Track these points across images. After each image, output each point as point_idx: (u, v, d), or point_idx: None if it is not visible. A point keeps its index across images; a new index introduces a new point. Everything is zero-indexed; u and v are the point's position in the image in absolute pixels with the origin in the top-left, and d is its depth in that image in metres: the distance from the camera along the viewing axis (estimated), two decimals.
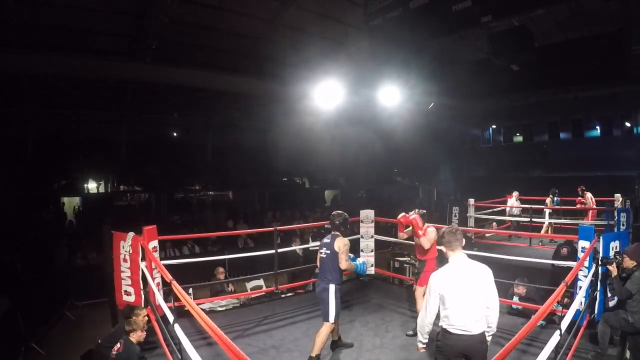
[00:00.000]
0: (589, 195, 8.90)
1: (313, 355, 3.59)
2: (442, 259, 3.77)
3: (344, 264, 3.73)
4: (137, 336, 3.61)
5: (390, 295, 5.76)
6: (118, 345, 3.50)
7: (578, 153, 14.69)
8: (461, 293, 2.57)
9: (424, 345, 2.85)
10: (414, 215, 4.49)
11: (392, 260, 7.90)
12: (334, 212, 4.02)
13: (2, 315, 4.95)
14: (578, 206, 9.06)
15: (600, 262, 3.86)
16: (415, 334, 3.81)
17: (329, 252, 3.77)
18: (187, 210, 13.28)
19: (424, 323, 2.76)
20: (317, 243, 8.32)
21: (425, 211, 4.72)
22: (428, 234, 4.38)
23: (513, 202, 9.67)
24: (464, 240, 2.77)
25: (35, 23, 8.28)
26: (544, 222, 9.03)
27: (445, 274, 2.68)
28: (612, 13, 7.90)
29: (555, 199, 9.15)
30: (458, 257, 2.70)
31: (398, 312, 5.13)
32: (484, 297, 2.57)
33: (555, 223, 9.04)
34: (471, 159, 18.02)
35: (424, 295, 3.80)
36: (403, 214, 4.60)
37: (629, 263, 3.63)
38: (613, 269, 3.64)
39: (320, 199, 16.67)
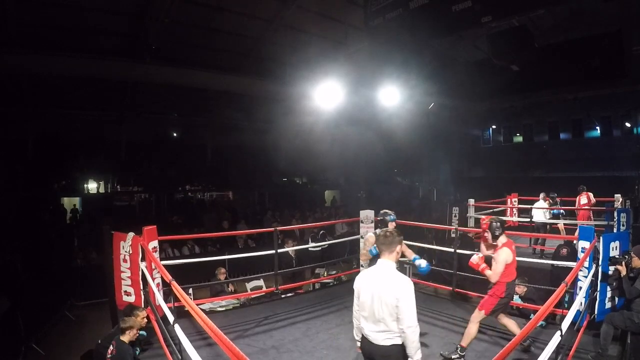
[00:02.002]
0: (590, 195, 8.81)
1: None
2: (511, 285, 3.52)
3: None
4: (131, 335, 3.61)
5: None
6: (111, 347, 3.50)
7: (578, 153, 14.68)
8: (368, 299, 2.48)
9: (358, 345, 2.77)
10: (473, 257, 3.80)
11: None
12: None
13: (2, 315, 4.95)
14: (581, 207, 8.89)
15: (608, 262, 3.86)
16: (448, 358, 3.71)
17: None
18: (187, 210, 13.28)
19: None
20: (318, 244, 8.34)
21: (497, 222, 3.63)
22: (497, 260, 3.56)
23: (542, 204, 8.91)
24: (397, 247, 2.55)
25: (35, 23, 8.28)
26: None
27: (364, 275, 2.61)
28: (612, 13, 7.90)
29: (554, 211, 8.89)
30: (381, 263, 2.54)
31: None
32: (390, 313, 2.37)
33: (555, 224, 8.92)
34: (471, 159, 18.02)
35: (478, 321, 3.62)
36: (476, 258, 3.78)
37: (637, 263, 3.63)
38: (622, 268, 3.64)
39: (320, 199, 16.67)
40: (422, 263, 4.12)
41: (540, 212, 8.81)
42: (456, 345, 3.75)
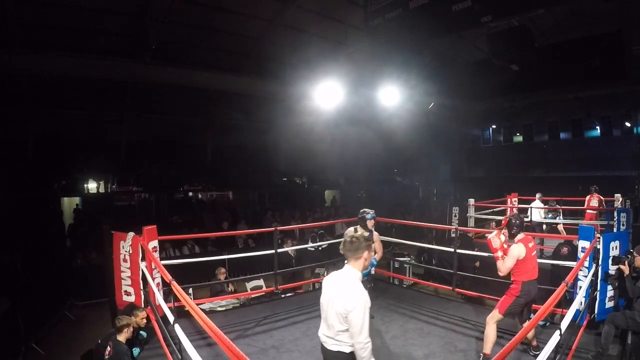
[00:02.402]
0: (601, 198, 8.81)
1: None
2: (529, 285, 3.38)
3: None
4: (127, 333, 3.61)
5: (390, 295, 5.76)
6: (108, 348, 3.50)
7: (578, 153, 14.68)
8: (324, 302, 2.44)
9: None
10: (494, 236, 3.61)
11: (392, 260, 7.91)
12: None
13: (2, 315, 4.95)
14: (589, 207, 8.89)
15: (612, 262, 3.86)
16: None
17: None
18: (187, 210, 13.26)
19: None
20: (318, 244, 8.33)
21: (517, 220, 3.56)
22: (509, 254, 3.48)
23: (538, 204, 9.10)
24: (364, 253, 2.43)
25: (35, 23, 8.28)
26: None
27: (330, 277, 2.53)
28: (612, 13, 7.90)
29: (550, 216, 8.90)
30: (346, 270, 2.45)
31: (398, 312, 5.13)
32: (339, 321, 2.31)
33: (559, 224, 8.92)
34: (471, 159, 18.02)
35: (494, 322, 3.49)
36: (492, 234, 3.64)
37: None
38: (625, 268, 3.63)
39: (320, 199, 16.66)
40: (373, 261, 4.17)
41: (536, 211, 8.85)
42: (479, 354, 3.62)
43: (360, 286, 2.35)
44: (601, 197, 8.72)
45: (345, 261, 2.47)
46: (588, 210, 8.76)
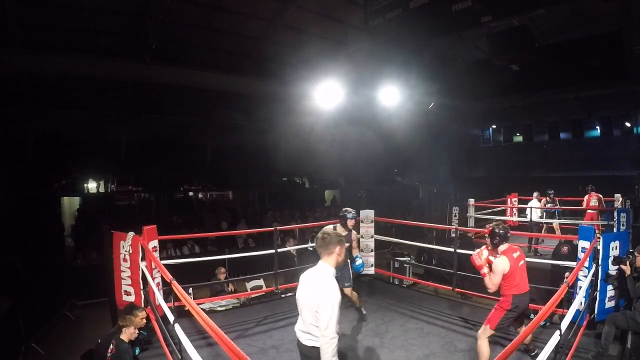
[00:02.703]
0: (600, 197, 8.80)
1: None
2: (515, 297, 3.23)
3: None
4: (129, 333, 3.61)
5: (390, 295, 5.76)
6: (111, 346, 3.50)
7: (578, 153, 14.69)
8: (299, 298, 2.47)
9: None
10: (476, 253, 3.46)
11: (392, 260, 7.91)
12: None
13: (2, 315, 4.94)
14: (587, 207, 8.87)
15: (613, 262, 3.85)
16: None
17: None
18: (187, 210, 13.26)
19: None
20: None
21: (500, 229, 3.36)
22: (493, 270, 3.31)
23: (535, 203, 9.06)
24: (335, 248, 2.45)
25: (35, 23, 8.28)
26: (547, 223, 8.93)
27: (305, 273, 2.54)
28: (612, 13, 7.90)
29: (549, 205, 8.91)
30: (319, 265, 2.49)
31: (398, 312, 5.13)
32: (311, 316, 2.35)
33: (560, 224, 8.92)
34: (471, 159, 18.02)
35: (486, 337, 3.33)
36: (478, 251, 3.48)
37: None
38: (627, 268, 3.63)
39: (320, 199, 16.66)
40: (358, 261, 4.27)
41: (534, 211, 8.87)
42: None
43: (332, 281, 2.38)
44: (600, 196, 8.70)
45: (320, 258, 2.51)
46: (589, 210, 8.75)
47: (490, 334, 3.37)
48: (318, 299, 2.31)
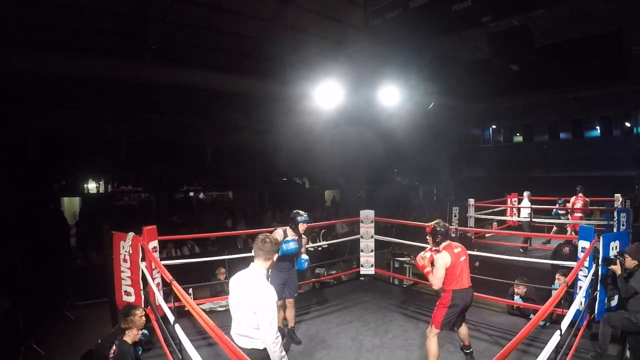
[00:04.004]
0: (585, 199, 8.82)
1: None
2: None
3: None
4: (132, 335, 3.61)
5: (390, 295, 5.76)
6: (114, 347, 3.50)
7: (578, 153, 14.69)
8: (233, 301, 2.53)
9: None
10: (419, 256, 3.57)
11: (392, 260, 7.92)
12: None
13: (2, 315, 4.94)
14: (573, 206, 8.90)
15: (603, 263, 3.86)
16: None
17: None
18: (187, 210, 13.26)
19: None
20: (317, 244, 8.32)
21: (441, 227, 3.49)
22: (435, 264, 3.41)
23: (526, 202, 9.19)
24: (274, 256, 2.53)
25: (35, 23, 8.27)
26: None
27: (237, 276, 2.58)
28: (612, 13, 7.90)
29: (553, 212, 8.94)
30: (252, 267, 2.53)
31: (398, 312, 5.13)
32: (248, 319, 2.40)
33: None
34: (471, 159, 18.03)
35: (433, 336, 3.40)
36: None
37: (630, 263, 3.64)
38: (617, 268, 3.65)
39: (320, 199, 16.66)
40: (304, 256, 4.14)
41: (525, 210, 8.93)
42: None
43: (266, 283, 2.45)
44: (586, 199, 8.68)
45: (253, 260, 2.54)
46: (575, 214, 8.79)
47: (437, 332, 3.42)
48: (257, 301, 2.35)
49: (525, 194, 9.25)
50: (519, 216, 9.31)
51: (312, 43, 10.39)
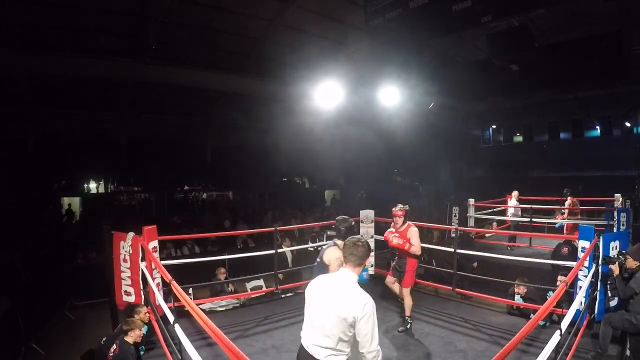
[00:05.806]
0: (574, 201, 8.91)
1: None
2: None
3: None
4: (134, 336, 3.61)
5: (390, 295, 5.75)
6: (114, 346, 3.50)
7: (578, 153, 14.69)
8: (318, 310, 2.23)
9: None
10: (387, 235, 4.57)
11: (392, 260, 7.90)
12: (338, 217, 3.49)
13: (2, 315, 4.94)
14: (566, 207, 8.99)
15: (602, 262, 3.85)
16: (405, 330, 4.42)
17: (318, 260, 3.29)
18: (187, 210, 13.26)
19: None
20: (317, 244, 8.32)
21: (408, 210, 4.61)
22: (415, 236, 4.41)
23: (513, 202, 9.45)
24: (367, 260, 2.33)
25: (35, 23, 8.28)
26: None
27: (319, 283, 2.33)
28: (612, 13, 7.90)
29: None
30: (343, 273, 2.27)
31: (398, 312, 5.12)
32: (342, 331, 2.14)
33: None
34: (471, 159, 18.02)
35: (409, 293, 4.40)
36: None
37: (632, 263, 3.63)
38: (615, 268, 3.64)
39: (320, 199, 16.67)
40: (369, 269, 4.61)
41: (513, 210, 9.03)
42: (404, 318, 4.49)
43: (363, 291, 2.20)
44: (574, 200, 8.77)
45: (343, 265, 2.31)
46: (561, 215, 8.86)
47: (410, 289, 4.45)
48: (356, 311, 2.10)
49: (514, 193, 9.35)
50: (506, 215, 9.48)
51: (312, 43, 10.39)
